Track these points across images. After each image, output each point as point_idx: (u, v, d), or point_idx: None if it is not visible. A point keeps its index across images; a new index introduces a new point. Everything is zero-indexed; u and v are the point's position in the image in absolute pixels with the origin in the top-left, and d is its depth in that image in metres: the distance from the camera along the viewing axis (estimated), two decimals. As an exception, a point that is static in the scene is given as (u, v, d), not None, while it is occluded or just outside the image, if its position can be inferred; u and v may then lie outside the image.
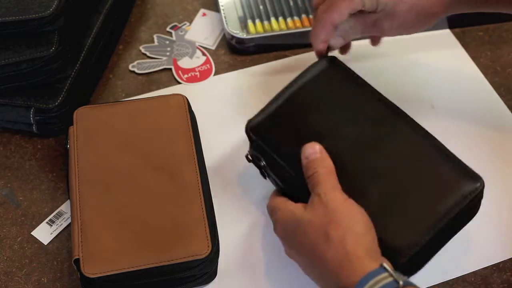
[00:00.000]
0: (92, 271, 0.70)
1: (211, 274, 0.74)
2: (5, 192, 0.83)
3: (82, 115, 0.81)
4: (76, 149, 0.78)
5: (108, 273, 0.69)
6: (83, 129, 0.80)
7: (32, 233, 0.79)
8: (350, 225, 0.65)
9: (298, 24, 0.95)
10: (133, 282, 0.70)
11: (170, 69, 0.94)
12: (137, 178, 0.76)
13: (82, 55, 0.86)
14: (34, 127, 0.84)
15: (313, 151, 0.70)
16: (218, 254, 0.74)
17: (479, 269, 0.76)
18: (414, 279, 0.75)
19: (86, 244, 0.71)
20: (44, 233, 0.79)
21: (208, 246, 0.71)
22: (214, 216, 0.76)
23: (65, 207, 0.81)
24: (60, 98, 0.83)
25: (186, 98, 0.83)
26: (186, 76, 0.94)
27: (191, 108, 0.83)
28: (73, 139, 0.79)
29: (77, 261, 0.70)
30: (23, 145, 0.87)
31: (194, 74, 0.94)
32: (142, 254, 0.70)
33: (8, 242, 0.79)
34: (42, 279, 0.76)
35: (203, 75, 0.94)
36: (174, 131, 0.80)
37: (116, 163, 0.77)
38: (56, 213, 0.81)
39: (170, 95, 0.84)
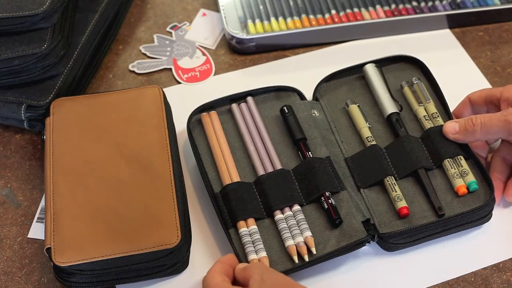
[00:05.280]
0: (63, 259, 0.71)
1: (183, 263, 0.75)
2: (5, 192, 0.83)
3: (59, 106, 0.82)
4: (52, 140, 0.79)
5: (79, 262, 0.71)
6: (60, 120, 0.81)
7: (28, 235, 0.79)
8: None
9: (298, 24, 0.95)
10: (104, 271, 0.71)
11: (170, 69, 0.94)
12: (110, 168, 0.77)
13: (76, 53, 0.86)
14: (25, 124, 0.84)
15: None
16: (190, 244, 0.76)
17: (479, 269, 0.76)
18: (415, 279, 0.75)
19: (58, 233, 0.72)
20: (41, 232, 0.79)
21: (178, 236, 0.72)
22: (187, 206, 0.77)
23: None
24: (51, 95, 0.83)
25: (162, 90, 0.84)
26: (186, 76, 0.94)
27: (166, 100, 0.84)
28: (49, 130, 0.80)
29: (49, 250, 0.72)
30: (23, 145, 0.87)
31: (194, 74, 0.94)
32: (112, 243, 0.71)
33: (8, 242, 0.79)
34: (42, 279, 0.76)
35: (203, 75, 0.94)
36: (148, 122, 0.81)
37: (90, 153, 0.78)
38: (41, 210, 0.81)
39: (146, 87, 0.85)
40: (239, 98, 0.86)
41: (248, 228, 0.76)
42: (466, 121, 0.79)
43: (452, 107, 0.84)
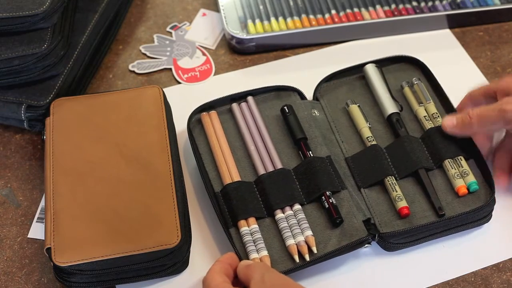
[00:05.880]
0: (62, 259, 0.71)
1: (183, 263, 0.75)
2: (5, 192, 0.83)
3: (59, 106, 0.82)
4: (52, 140, 0.79)
5: (79, 262, 0.71)
6: (60, 120, 0.81)
7: (28, 235, 0.79)
8: None
9: (298, 24, 0.95)
10: (104, 271, 0.71)
11: (170, 69, 0.94)
12: (110, 168, 0.77)
13: (76, 53, 0.87)
14: (25, 124, 0.84)
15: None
16: (190, 244, 0.76)
17: (479, 269, 0.76)
18: (415, 279, 0.75)
19: (58, 233, 0.72)
20: (41, 232, 0.79)
21: (178, 236, 0.72)
22: (187, 206, 0.77)
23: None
24: (51, 95, 0.83)
25: (162, 90, 0.84)
26: (186, 76, 0.94)
27: (166, 100, 0.84)
28: (49, 130, 0.80)
29: (49, 250, 0.72)
30: (23, 145, 0.87)
31: (194, 74, 0.94)
32: (112, 243, 0.72)
33: (8, 242, 0.79)
34: (42, 279, 0.76)
35: (203, 75, 0.94)
36: (148, 122, 0.81)
37: (90, 153, 0.78)
38: (41, 210, 0.81)
39: (146, 87, 0.85)
40: (240, 97, 0.86)
41: (249, 227, 0.76)
42: (463, 114, 0.79)
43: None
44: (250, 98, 0.86)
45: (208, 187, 0.79)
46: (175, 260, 0.73)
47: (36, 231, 0.79)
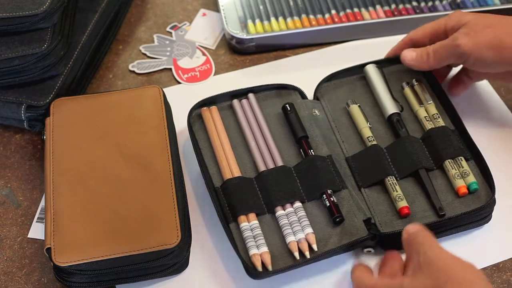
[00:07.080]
0: (62, 259, 0.71)
1: (182, 263, 0.75)
2: (5, 192, 0.83)
3: (59, 106, 0.82)
4: (52, 140, 0.79)
5: (79, 262, 0.71)
6: (60, 120, 0.81)
7: (28, 235, 0.79)
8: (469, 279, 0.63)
9: (298, 24, 0.95)
10: (104, 271, 0.71)
11: (170, 69, 0.94)
12: (110, 168, 0.77)
13: (76, 53, 0.87)
14: (25, 124, 0.85)
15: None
16: (190, 244, 0.76)
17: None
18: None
19: (58, 234, 0.72)
20: (41, 232, 0.79)
21: (178, 236, 0.72)
22: (187, 206, 0.77)
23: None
24: (51, 95, 0.83)
25: (162, 90, 0.84)
26: (186, 76, 0.94)
27: (166, 100, 0.84)
28: (49, 130, 0.80)
29: (49, 250, 0.72)
30: (23, 145, 0.87)
31: (194, 74, 0.94)
32: (112, 243, 0.72)
33: (8, 242, 0.79)
34: (42, 279, 0.76)
35: (203, 75, 0.94)
36: (148, 122, 0.81)
37: (90, 153, 0.78)
38: (41, 210, 0.81)
39: (146, 87, 0.85)
40: (240, 94, 0.86)
41: (249, 223, 0.76)
42: (423, 49, 0.83)
43: (452, 107, 0.85)
44: (251, 95, 0.86)
45: (208, 182, 0.79)
46: (175, 260, 0.73)
47: (36, 231, 0.80)
